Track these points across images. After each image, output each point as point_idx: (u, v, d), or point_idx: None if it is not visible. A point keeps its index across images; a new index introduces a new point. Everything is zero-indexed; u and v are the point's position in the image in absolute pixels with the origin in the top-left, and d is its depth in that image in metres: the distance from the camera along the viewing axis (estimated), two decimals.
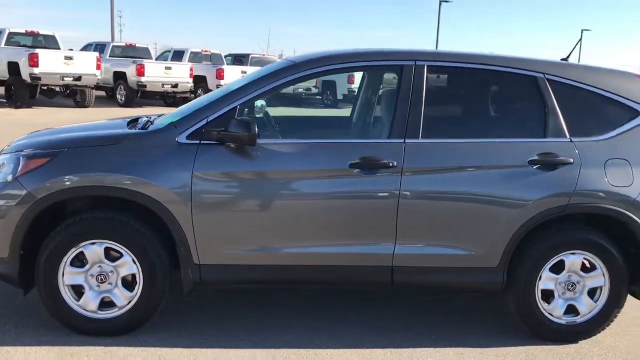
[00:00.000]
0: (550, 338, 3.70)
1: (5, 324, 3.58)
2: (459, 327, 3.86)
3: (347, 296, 4.25)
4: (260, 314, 3.90)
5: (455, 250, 3.53)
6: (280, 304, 4.07)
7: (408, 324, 3.86)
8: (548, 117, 3.61)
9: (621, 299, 3.69)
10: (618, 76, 3.81)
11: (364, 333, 3.70)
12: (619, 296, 3.67)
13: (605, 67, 3.87)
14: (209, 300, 4.10)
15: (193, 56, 22.34)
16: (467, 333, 3.77)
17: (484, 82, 3.79)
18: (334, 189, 3.46)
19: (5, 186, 3.38)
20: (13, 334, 3.45)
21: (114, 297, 3.46)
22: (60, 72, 16.67)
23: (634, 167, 3.57)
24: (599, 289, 3.67)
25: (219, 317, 3.83)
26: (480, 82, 3.78)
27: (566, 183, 3.51)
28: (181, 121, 3.49)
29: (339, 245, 3.48)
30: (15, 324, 3.58)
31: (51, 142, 3.56)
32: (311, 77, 3.65)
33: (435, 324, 3.89)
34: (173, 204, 3.35)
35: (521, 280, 3.60)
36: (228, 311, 3.93)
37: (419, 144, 3.49)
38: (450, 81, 3.84)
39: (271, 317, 3.85)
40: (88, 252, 3.39)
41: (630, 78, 3.81)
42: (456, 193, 3.49)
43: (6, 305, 3.84)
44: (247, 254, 3.45)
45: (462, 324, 3.91)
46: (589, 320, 3.70)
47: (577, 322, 3.70)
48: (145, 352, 3.33)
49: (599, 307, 3.68)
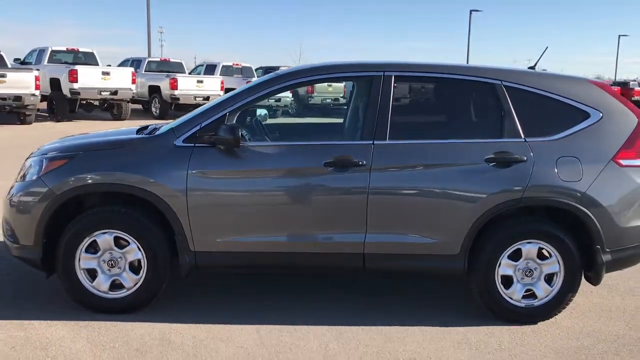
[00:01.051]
0: (511, 319, 4.09)
1: (30, 302, 4.18)
2: (427, 308, 4.29)
3: (326, 281, 4.73)
4: (244, 297, 4.41)
5: (420, 239, 3.96)
6: (264, 291, 4.56)
7: (380, 306, 4.32)
8: (504, 120, 4.03)
9: (575, 285, 4.05)
10: (571, 81, 4.20)
11: (340, 313, 4.16)
12: (573, 282, 4.04)
13: (560, 74, 4.28)
14: (209, 286, 4.62)
15: (225, 70, 23.18)
16: (433, 314, 4.19)
17: (446, 89, 4.23)
18: (311, 185, 3.95)
19: (31, 184, 3.99)
20: (37, 311, 4.03)
21: (123, 279, 4.01)
22: (97, 87, 17.64)
23: (584, 164, 3.95)
24: (555, 275, 4.04)
25: (215, 299, 4.36)
26: (443, 89, 4.23)
27: (520, 179, 3.92)
28: (179, 127, 4.03)
29: (316, 234, 3.96)
30: (39, 303, 4.16)
31: (69, 146, 4.15)
32: (293, 88, 4.15)
33: (405, 305, 4.33)
34: (171, 198, 3.88)
35: (482, 266, 4.00)
36: (220, 295, 4.45)
37: (386, 145, 3.95)
38: (416, 89, 4.29)
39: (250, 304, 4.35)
40: (100, 240, 3.95)
41: (583, 83, 4.20)
42: (420, 188, 3.94)
43: (32, 289, 4.43)
44: (235, 242, 3.95)
45: (429, 306, 4.34)
46: (545, 304, 4.07)
47: (535, 305, 4.08)
48: (148, 326, 3.86)
49: (555, 291, 4.05)
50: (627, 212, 4.02)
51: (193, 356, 3.51)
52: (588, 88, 4.14)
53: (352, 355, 3.57)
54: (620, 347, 3.80)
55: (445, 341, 3.80)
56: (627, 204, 4.02)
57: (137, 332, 3.79)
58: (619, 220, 3.98)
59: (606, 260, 4.00)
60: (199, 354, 3.54)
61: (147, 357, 3.48)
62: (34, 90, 15.99)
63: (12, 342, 3.60)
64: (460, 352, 3.67)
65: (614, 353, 3.71)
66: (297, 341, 3.74)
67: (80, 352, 3.51)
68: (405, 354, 3.62)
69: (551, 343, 3.82)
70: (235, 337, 3.76)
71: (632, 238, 4.07)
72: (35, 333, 3.73)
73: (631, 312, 4.38)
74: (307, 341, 3.74)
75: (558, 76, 4.24)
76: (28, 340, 3.63)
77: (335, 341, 3.75)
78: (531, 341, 3.84)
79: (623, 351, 3.74)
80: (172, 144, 3.95)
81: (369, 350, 3.64)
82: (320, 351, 3.62)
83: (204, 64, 24.45)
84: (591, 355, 3.67)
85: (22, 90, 15.78)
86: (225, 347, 3.64)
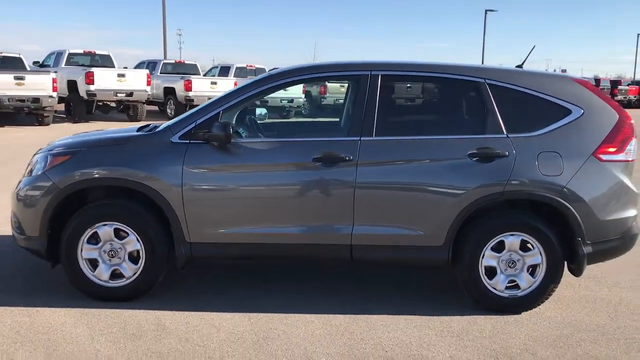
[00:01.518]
0: (495, 309, 4.23)
1: (37, 291, 4.41)
2: (412, 299, 4.45)
3: (316, 272, 4.91)
4: (238, 287, 4.60)
5: (405, 230, 4.12)
6: (256, 281, 4.75)
7: (367, 296, 4.49)
8: (487, 117, 4.17)
9: (557, 276, 4.18)
10: (553, 79, 4.33)
11: (328, 302, 4.33)
12: (555, 273, 4.17)
13: (542, 72, 4.42)
14: (205, 275, 4.82)
15: (239, 71, 23.46)
16: (418, 304, 4.35)
17: (431, 87, 4.39)
18: (300, 179, 4.13)
19: (37, 179, 4.22)
20: (43, 299, 4.27)
21: (122, 269, 4.23)
22: (113, 88, 18.01)
23: (565, 159, 4.08)
24: (538, 266, 4.17)
25: (210, 289, 4.56)
26: (428, 87, 4.39)
27: (501, 173, 4.06)
28: (175, 125, 4.24)
29: (305, 226, 4.14)
30: (45, 292, 4.39)
31: (73, 143, 4.38)
32: (282, 87, 4.33)
33: (390, 296, 4.50)
34: (168, 191, 4.09)
35: (466, 257, 4.15)
36: (215, 284, 4.65)
37: (372, 141, 4.12)
38: (402, 87, 4.44)
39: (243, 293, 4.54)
40: (101, 232, 4.17)
41: (565, 80, 4.33)
42: (405, 182, 4.10)
43: (40, 279, 4.67)
44: (228, 234, 4.15)
45: (414, 296, 4.51)
46: (529, 294, 4.20)
47: (519, 296, 4.21)
48: (145, 313, 4.07)
49: (538, 282, 4.18)
50: (607, 205, 4.14)
51: (185, 340, 3.70)
52: (570, 85, 4.27)
53: (337, 341, 3.74)
54: (599, 336, 3.92)
55: (429, 329, 3.96)
56: (607, 197, 4.15)
57: (135, 318, 4.00)
58: (599, 213, 4.10)
59: (587, 252, 4.12)
60: (191, 338, 3.74)
61: (141, 341, 3.68)
62: (52, 92, 16.40)
63: (17, 327, 3.83)
64: (442, 339, 3.82)
65: (591, 341, 3.84)
66: (285, 328, 3.92)
67: (80, 336, 3.73)
68: (388, 340, 3.78)
69: (532, 332, 3.96)
70: (227, 323, 3.96)
71: (613, 230, 4.19)
72: (39, 319, 3.96)
73: (615, 303, 4.49)
74: (295, 328, 3.92)
75: (540, 74, 4.37)
76: (32, 325, 3.86)
77: (322, 328, 3.92)
78: (512, 329, 3.98)
79: (601, 340, 3.87)
80: (169, 140, 4.16)
81: (354, 337, 3.81)
82: (307, 337, 3.79)
83: (218, 66, 24.79)
84: (569, 344, 3.80)
85: (40, 93, 16.19)
86: (217, 332, 3.83)
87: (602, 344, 3.81)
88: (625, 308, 4.40)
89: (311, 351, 3.61)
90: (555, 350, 3.70)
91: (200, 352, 3.56)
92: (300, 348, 3.65)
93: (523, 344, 3.77)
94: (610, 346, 3.78)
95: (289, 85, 4.35)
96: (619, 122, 4.18)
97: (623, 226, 4.22)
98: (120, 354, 3.52)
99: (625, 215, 4.21)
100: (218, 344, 3.67)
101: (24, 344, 3.61)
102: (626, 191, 4.20)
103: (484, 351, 3.67)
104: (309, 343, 3.72)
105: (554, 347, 3.75)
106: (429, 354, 3.61)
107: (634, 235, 4.30)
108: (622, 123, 4.18)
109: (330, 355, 3.56)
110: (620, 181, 4.17)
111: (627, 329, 4.03)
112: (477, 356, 3.61)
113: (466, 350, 3.68)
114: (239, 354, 3.56)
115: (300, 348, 3.65)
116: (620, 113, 4.21)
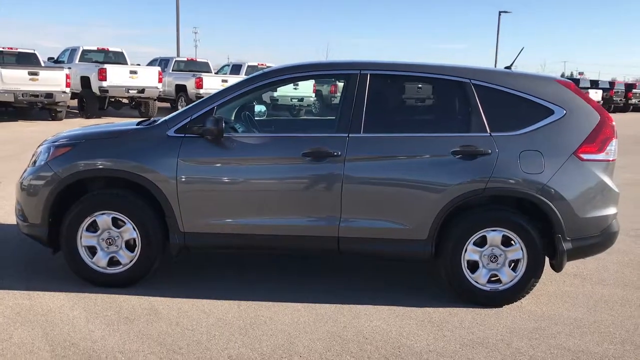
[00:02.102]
0: (477, 302, 4.36)
1: (39, 276, 4.63)
2: (396, 291, 4.61)
3: (305, 263, 5.08)
4: (230, 275, 4.78)
5: (390, 224, 4.28)
6: (248, 270, 4.93)
7: (352, 288, 4.65)
8: (472, 116, 4.32)
9: (538, 270, 4.30)
10: (536, 80, 4.46)
11: (316, 292, 4.50)
12: (536, 268, 4.30)
13: (526, 72, 4.55)
14: (198, 264, 5.01)
15: (250, 70, 23.59)
16: (401, 296, 4.50)
17: (418, 86, 4.54)
18: (290, 173, 4.30)
19: (40, 169, 4.43)
20: (43, 283, 4.48)
21: (119, 256, 4.42)
22: (125, 85, 18.28)
23: (546, 157, 4.21)
24: (519, 261, 4.31)
25: (203, 277, 4.75)
26: (415, 86, 4.54)
27: (484, 170, 4.20)
28: (172, 119, 4.43)
29: (294, 218, 4.31)
30: (46, 277, 4.60)
31: (75, 135, 4.58)
32: (274, 85, 4.51)
33: (375, 288, 4.67)
34: (163, 183, 4.28)
35: (448, 251, 4.30)
36: (208, 273, 4.83)
37: (360, 137, 4.28)
38: (390, 86, 4.59)
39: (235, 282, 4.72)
40: (100, 220, 4.37)
41: (548, 82, 4.46)
42: (391, 177, 4.25)
43: (42, 265, 4.88)
44: (220, 224, 4.33)
45: (398, 289, 4.67)
46: (510, 288, 4.34)
47: (500, 290, 4.35)
48: (139, 299, 4.26)
49: (519, 277, 4.31)
50: (587, 203, 4.27)
51: (176, 324, 3.89)
52: (553, 86, 4.40)
53: (320, 329, 3.91)
54: (575, 329, 4.06)
55: (410, 319, 4.11)
56: (587, 195, 4.28)
57: (129, 303, 4.19)
58: (579, 210, 4.23)
59: (567, 248, 4.25)
60: (182, 322, 3.92)
61: (134, 324, 3.87)
62: (65, 87, 16.70)
63: (18, 309, 4.03)
64: (422, 328, 3.98)
65: (567, 334, 3.97)
66: (272, 315, 4.09)
67: (76, 318, 3.93)
68: (370, 329, 3.94)
69: (510, 324, 4.10)
70: (216, 310, 4.14)
71: (593, 228, 4.32)
72: (39, 302, 4.16)
73: (596, 299, 4.62)
74: (281, 315, 4.09)
75: (525, 75, 4.50)
76: (32, 308, 4.06)
77: (307, 316, 4.09)
78: (491, 321, 4.12)
79: (576, 332, 4.00)
80: (165, 134, 4.34)
81: (337, 325, 3.97)
82: (292, 324, 3.96)
83: (230, 64, 25.00)
84: (544, 336, 3.93)
85: (54, 88, 16.50)
86: (207, 317, 4.01)
87: (576, 336, 3.94)
88: (604, 304, 4.53)
89: (294, 336, 3.78)
90: (531, 341, 3.84)
91: (189, 335, 3.74)
92: (284, 334, 3.82)
93: (500, 335, 3.91)
94: (583, 338, 3.91)
95: (283, 83, 4.53)
96: (600, 122, 4.30)
97: (603, 224, 4.35)
98: (112, 335, 3.71)
99: (605, 213, 4.34)
100: (206, 328, 3.85)
101: (23, 324, 3.81)
102: (606, 190, 4.33)
103: (461, 340, 3.82)
104: (293, 329, 3.89)
105: (530, 338, 3.88)
106: (407, 342, 3.77)
107: (614, 232, 4.42)
108: (603, 124, 4.30)
109: (312, 341, 3.73)
110: (600, 180, 4.29)
111: (603, 323, 4.16)
112: (454, 345, 3.75)
113: (444, 340, 3.82)
114: (226, 337, 3.73)
115: (284, 334, 3.82)
116: (602, 114, 4.34)
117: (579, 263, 5.32)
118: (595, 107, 4.37)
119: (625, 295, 4.73)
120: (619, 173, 11.40)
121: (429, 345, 3.74)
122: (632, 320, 4.23)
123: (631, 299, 4.63)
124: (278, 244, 4.40)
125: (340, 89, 22.52)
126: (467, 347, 3.74)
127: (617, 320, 4.21)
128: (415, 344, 3.74)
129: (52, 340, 3.61)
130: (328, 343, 3.71)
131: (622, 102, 38.97)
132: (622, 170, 11.23)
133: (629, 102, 39.60)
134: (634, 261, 5.64)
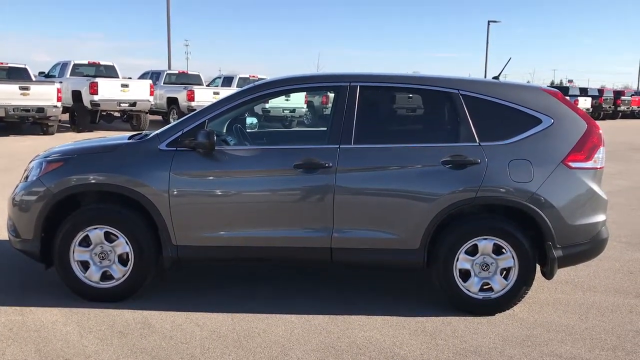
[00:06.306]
0: (469, 311, 4.39)
1: (31, 291, 4.62)
2: (389, 301, 4.63)
3: (299, 274, 5.09)
4: (223, 288, 4.79)
5: (382, 234, 4.31)
6: (241, 283, 4.94)
7: (347, 297, 4.68)
8: (461, 126, 4.36)
9: (529, 278, 4.34)
10: (524, 90, 4.52)
11: (310, 303, 4.51)
12: (527, 276, 4.33)
13: (513, 82, 4.61)
14: (191, 277, 5.02)
15: (242, 81, 23.69)
16: (395, 306, 4.52)
17: (408, 97, 4.59)
18: (282, 185, 4.32)
19: (32, 184, 4.44)
20: (36, 298, 4.47)
21: (112, 271, 4.42)
22: (117, 98, 18.31)
23: (535, 166, 4.26)
24: (511, 269, 4.34)
25: (196, 290, 4.75)
26: (404, 98, 4.59)
27: (474, 179, 4.24)
28: (163, 133, 4.45)
29: (287, 229, 4.33)
30: (39, 292, 4.59)
31: (67, 150, 4.59)
32: (265, 98, 4.55)
33: (368, 298, 4.69)
34: (155, 196, 4.29)
35: (440, 260, 4.33)
36: (201, 286, 4.84)
37: (351, 149, 4.31)
38: (380, 98, 4.64)
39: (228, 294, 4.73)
40: (92, 235, 4.37)
41: (536, 91, 4.52)
42: (382, 188, 4.28)
43: (36, 280, 4.87)
44: (212, 237, 4.34)
45: (391, 299, 4.69)
46: (502, 297, 4.37)
47: (492, 298, 4.38)
48: (133, 313, 4.26)
49: (510, 285, 4.34)
50: (576, 210, 4.31)
51: (169, 338, 3.89)
52: (540, 96, 4.46)
53: (313, 340, 3.92)
54: (567, 336, 4.09)
55: (404, 329, 4.13)
56: (576, 203, 4.32)
57: (123, 317, 4.19)
58: (568, 218, 4.28)
59: (558, 255, 4.29)
60: (175, 336, 3.92)
61: (128, 338, 3.87)
62: (56, 102, 16.69)
63: (10, 325, 4.02)
64: (415, 338, 3.99)
65: (559, 341, 4.00)
66: (266, 327, 4.09)
67: (70, 334, 3.92)
68: (363, 339, 3.95)
69: (502, 332, 4.12)
70: (210, 322, 4.14)
71: (582, 235, 4.36)
72: (31, 317, 4.15)
73: (587, 306, 4.65)
74: (275, 327, 4.10)
75: (512, 85, 4.56)
76: (24, 324, 4.05)
77: (301, 327, 4.10)
78: (484, 330, 4.15)
79: (568, 339, 4.03)
80: (157, 148, 4.36)
81: (331, 336, 3.98)
82: (285, 336, 3.97)
83: (221, 76, 25.08)
84: (536, 343, 3.96)
85: (45, 102, 16.49)
86: (200, 330, 4.01)
87: (568, 343, 3.97)
88: (596, 310, 4.56)
89: (288, 348, 3.79)
90: (523, 349, 3.87)
91: (183, 349, 3.75)
92: (278, 345, 3.83)
93: (493, 343, 3.93)
94: (575, 345, 3.94)
95: (274, 96, 4.57)
96: (587, 131, 4.36)
97: (592, 231, 4.39)
98: (106, 349, 3.71)
99: (594, 221, 4.39)
100: (200, 341, 3.86)
101: (16, 340, 3.80)
102: (595, 197, 4.38)
103: (454, 349, 3.84)
104: (287, 341, 3.89)
105: (522, 346, 3.91)
106: (400, 352, 3.79)
107: (603, 239, 4.47)
108: (590, 132, 4.36)
109: (306, 352, 3.74)
110: (589, 188, 4.34)
111: (594, 330, 4.19)
112: (447, 354, 3.77)
113: (437, 349, 3.84)
114: (220, 350, 3.74)
115: (278, 345, 3.83)
116: (589, 122, 4.39)
117: (570, 270, 5.36)
118: (582, 115, 4.43)
119: (616, 301, 4.76)
120: (611, 180, 11.51)
121: (422, 354, 3.76)
122: (623, 326, 4.26)
123: (622, 306, 4.67)
124: (271, 255, 4.41)
125: (331, 100, 22.84)
126: (461, 355, 3.75)
127: (609, 327, 4.24)
128: (408, 354, 3.76)
129: (45, 356, 3.60)
130: (322, 354, 3.72)
131: (611, 109, 39.41)
132: (613, 177, 11.36)
133: (618, 109, 40.00)
134: (625, 268, 5.68)
